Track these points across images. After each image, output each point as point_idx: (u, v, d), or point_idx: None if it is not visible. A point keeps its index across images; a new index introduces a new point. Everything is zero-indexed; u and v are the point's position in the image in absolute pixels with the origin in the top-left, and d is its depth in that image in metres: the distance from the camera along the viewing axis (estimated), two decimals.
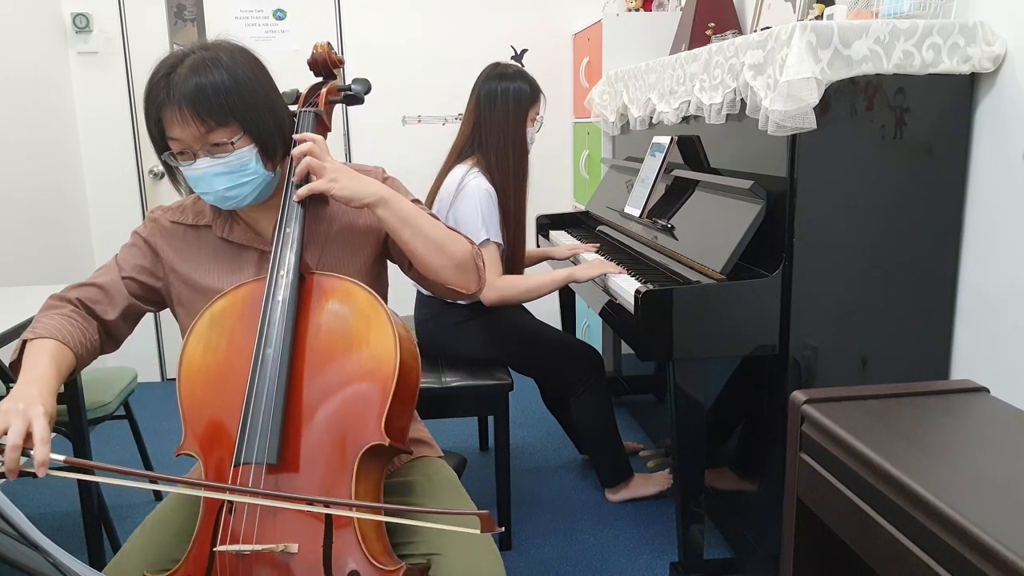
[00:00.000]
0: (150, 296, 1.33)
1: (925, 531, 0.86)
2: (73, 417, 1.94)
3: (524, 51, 3.68)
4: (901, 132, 1.65)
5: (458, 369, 2.22)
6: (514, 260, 2.26)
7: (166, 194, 3.60)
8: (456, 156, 2.26)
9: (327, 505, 1.06)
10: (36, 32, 3.16)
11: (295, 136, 1.25)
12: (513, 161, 2.20)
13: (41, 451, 0.99)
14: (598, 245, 2.46)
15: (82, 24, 3.37)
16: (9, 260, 2.83)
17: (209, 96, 1.13)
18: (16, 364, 1.20)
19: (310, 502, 1.06)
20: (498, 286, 2.16)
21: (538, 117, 2.29)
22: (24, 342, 1.19)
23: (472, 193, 2.13)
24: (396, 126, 3.66)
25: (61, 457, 1.00)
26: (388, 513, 1.12)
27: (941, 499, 0.84)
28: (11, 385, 1.93)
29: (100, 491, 2.03)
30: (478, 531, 0.99)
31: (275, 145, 1.23)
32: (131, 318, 1.32)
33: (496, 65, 2.28)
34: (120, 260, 1.32)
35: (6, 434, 0.99)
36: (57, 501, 2.57)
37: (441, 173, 2.28)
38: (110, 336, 1.30)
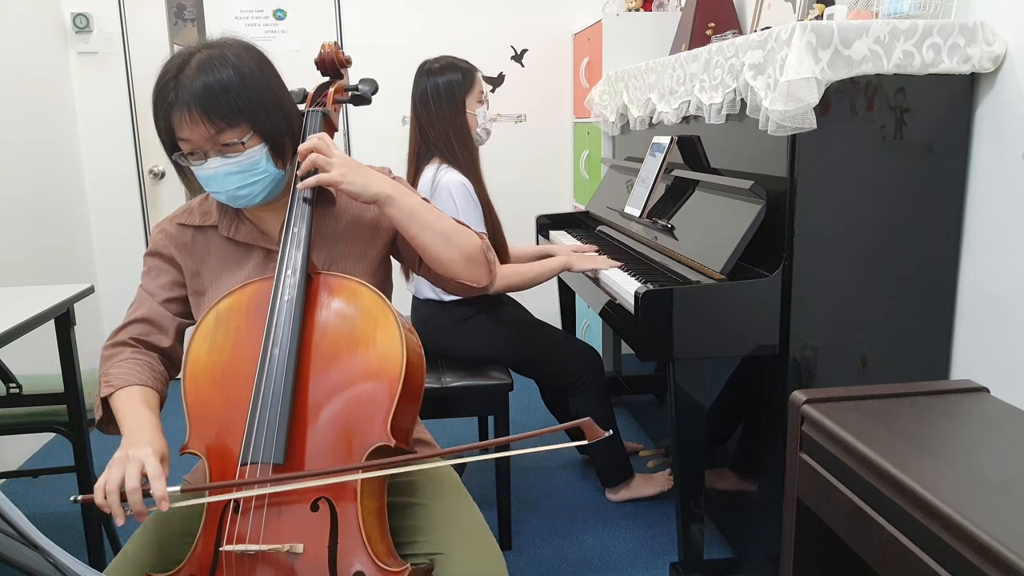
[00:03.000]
0: (189, 309, 1.35)
1: (925, 531, 0.86)
2: (73, 417, 1.94)
3: (524, 51, 3.68)
4: (901, 132, 1.65)
5: (458, 369, 2.22)
6: (494, 246, 2.25)
7: (166, 194, 3.60)
8: (416, 161, 2.25)
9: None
10: (36, 32, 3.16)
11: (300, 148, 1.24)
12: (459, 149, 2.18)
13: (157, 487, 1.04)
14: (597, 248, 2.46)
15: (82, 24, 3.37)
16: (9, 260, 2.82)
17: (218, 96, 1.13)
18: (103, 422, 1.24)
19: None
20: (501, 274, 2.17)
21: (483, 96, 2.26)
22: (104, 399, 1.22)
23: (445, 190, 2.12)
24: (396, 126, 3.66)
25: (177, 488, 1.07)
26: (499, 448, 1.15)
27: (941, 499, 0.84)
28: (11, 386, 1.94)
29: None
30: (586, 440, 1.03)
31: (285, 143, 1.24)
32: (181, 338, 1.35)
33: (424, 62, 2.27)
34: (149, 289, 1.33)
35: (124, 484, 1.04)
36: (57, 501, 2.57)
37: (408, 181, 2.27)
38: (171, 361, 1.33)
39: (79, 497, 1.07)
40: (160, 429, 1.15)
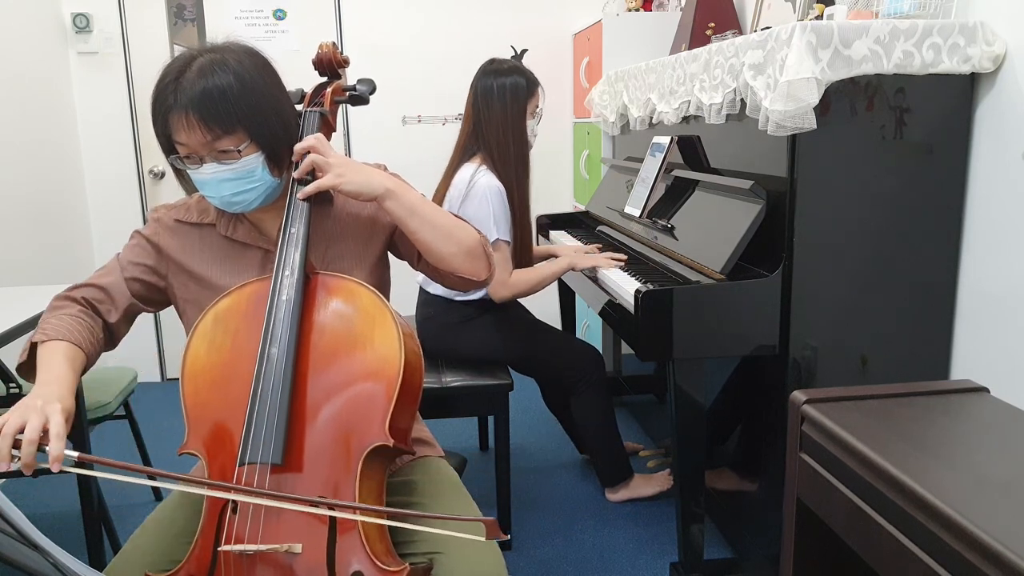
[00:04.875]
0: (152, 296, 1.33)
1: (925, 531, 0.86)
2: (73, 417, 1.94)
3: (524, 51, 3.66)
4: (901, 132, 1.65)
5: (458, 369, 2.22)
6: (522, 253, 2.26)
7: (166, 194, 3.60)
8: (460, 154, 2.27)
9: (331, 508, 1.06)
10: (36, 32, 3.16)
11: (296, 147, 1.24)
12: (514, 155, 2.21)
13: (55, 447, 1.00)
14: (600, 247, 2.46)
15: (82, 24, 3.37)
16: (9, 260, 2.83)
17: (216, 101, 1.13)
18: (25, 366, 1.21)
19: (314, 504, 1.06)
20: (510, 284, 2.18)
21: (537, 110, 2.29)
22: (34, 344, 1.19)
23: (482, 192, 2.13)
24: (396, 126, 3.66)
25: (75, 454, 1.01)
26: (392, 517, 1.12)
27: (941, 499, 0.84)
28: (11, 386, 1.93)
29: (100, 491, 2.03)
30: (483, 538, 0.99)
31: (282, 152, 1.23)
32: (130, 319, 1.32)
33: (492, 61, 2.29)
34: (123, 260, 1.32)
35: (23, 431, 1.00)
36: (57, 501, 2.57)
37: (448, 172, 2.28)
38: (111, 336, 1.30)
39: None
40: (73, 390, 1.12)
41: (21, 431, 1.00)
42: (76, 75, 3.45)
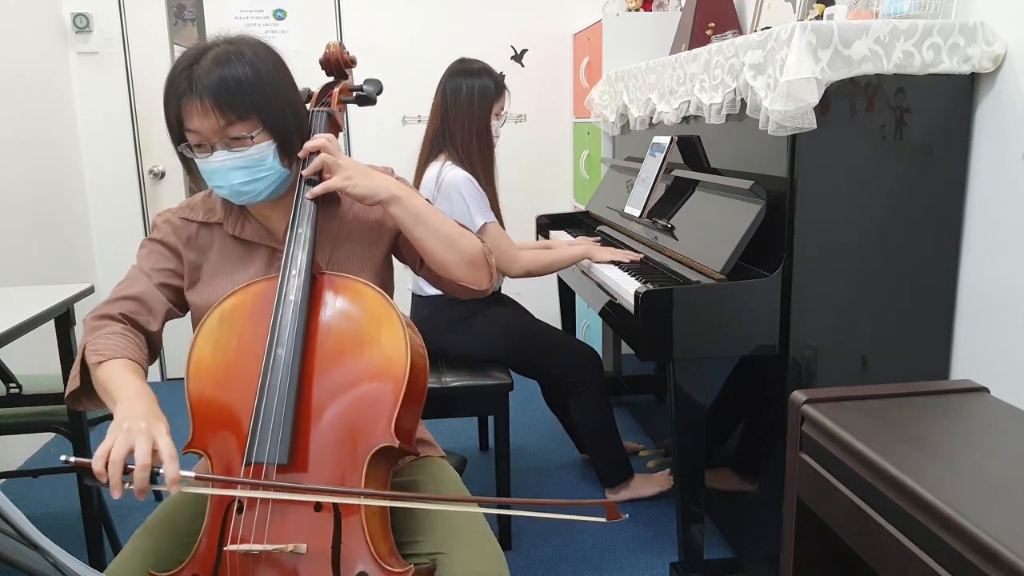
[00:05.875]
0: (181, 300, 1.33)
1: (925, 531, 0.86)
2: (73, 417, 1.94)
3: (524, 51, 3.68)
4: (901, 132, 1.65)
5: (458, 369, 2.22)
6: None
7: (166, 194, 3.60)
8: (428, 152, 2.28)
9: (425, 500, 1.08)
10: (36, 32, 3.16)
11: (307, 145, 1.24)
12: (478, 153, 2.22)
13: (171, 469, 0.99)
14: (599, 241, 2.46)
15: (82, 24, 3.37)
16: (9, 260, 2.82)
17: (231, 89, 1.14)
18: (79, 393, 1.19)
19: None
20: (523, 261, 2.19)
21: (503, 112, 2.30)
22: (84, 368, 1.17)
23: (452, 186, 2.14)
24: (396, 126, 3.66)
25: (191, 474, 1.00)
26: (502, 505, 1.13)
27: (941, 499, 0.84)
28: (11, 386, 1.93)
29: (100, 491, 2.02)
30: (604, 519, 0.99)
31: (293, 142, 1.23)
32: (164, 327, 1.31)
33: (462, 61, 2.30)
34: (145, 269, 1.30)
35: (131, 453, 0.99)
36: (57, 501, 2.57)
37: (417, 172, 2.29)
38: (152, 348, 1.29)
39: (72, 459, 0.99)
40: (158, 405, 1.10)
41: (128, 454, 0.99)
42: (76, 75, 3.45)
